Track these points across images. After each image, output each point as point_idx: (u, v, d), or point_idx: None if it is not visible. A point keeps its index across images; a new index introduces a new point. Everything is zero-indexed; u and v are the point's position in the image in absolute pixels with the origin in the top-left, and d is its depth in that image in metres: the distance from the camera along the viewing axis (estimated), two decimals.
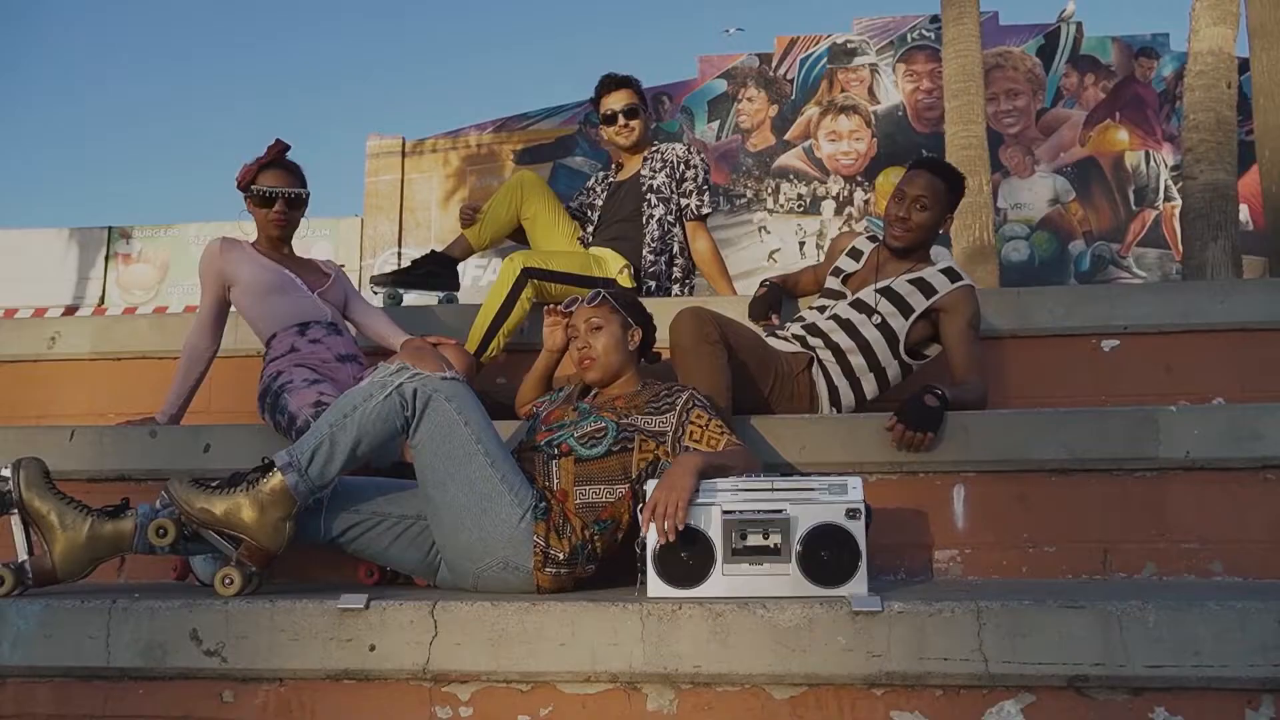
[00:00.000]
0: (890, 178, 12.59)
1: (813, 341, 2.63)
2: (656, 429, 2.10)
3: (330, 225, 12.48)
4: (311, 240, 12.31)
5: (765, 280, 2.98)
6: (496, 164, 12.92)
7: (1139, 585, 2.19)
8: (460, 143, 13.08)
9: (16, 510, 1.96)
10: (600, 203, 3.45)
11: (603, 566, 2.09)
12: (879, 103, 12.82)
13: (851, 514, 1.85)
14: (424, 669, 1.78)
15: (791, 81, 12.92)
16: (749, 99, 12.93)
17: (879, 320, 2.61)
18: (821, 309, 2.72)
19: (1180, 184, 5.77)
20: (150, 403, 2.84)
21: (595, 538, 2.02)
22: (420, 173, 12.93)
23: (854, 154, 12.69)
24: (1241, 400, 2.86)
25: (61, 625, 1.86)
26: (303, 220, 2.76)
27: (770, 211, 12.65)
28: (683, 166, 3.34)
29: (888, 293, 2.63)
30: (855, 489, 1.87)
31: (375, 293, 3.44)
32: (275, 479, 1.91)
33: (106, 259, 12.53)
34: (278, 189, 2.59)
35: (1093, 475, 2.32)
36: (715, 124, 12.97)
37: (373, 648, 1.80)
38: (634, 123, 3.45)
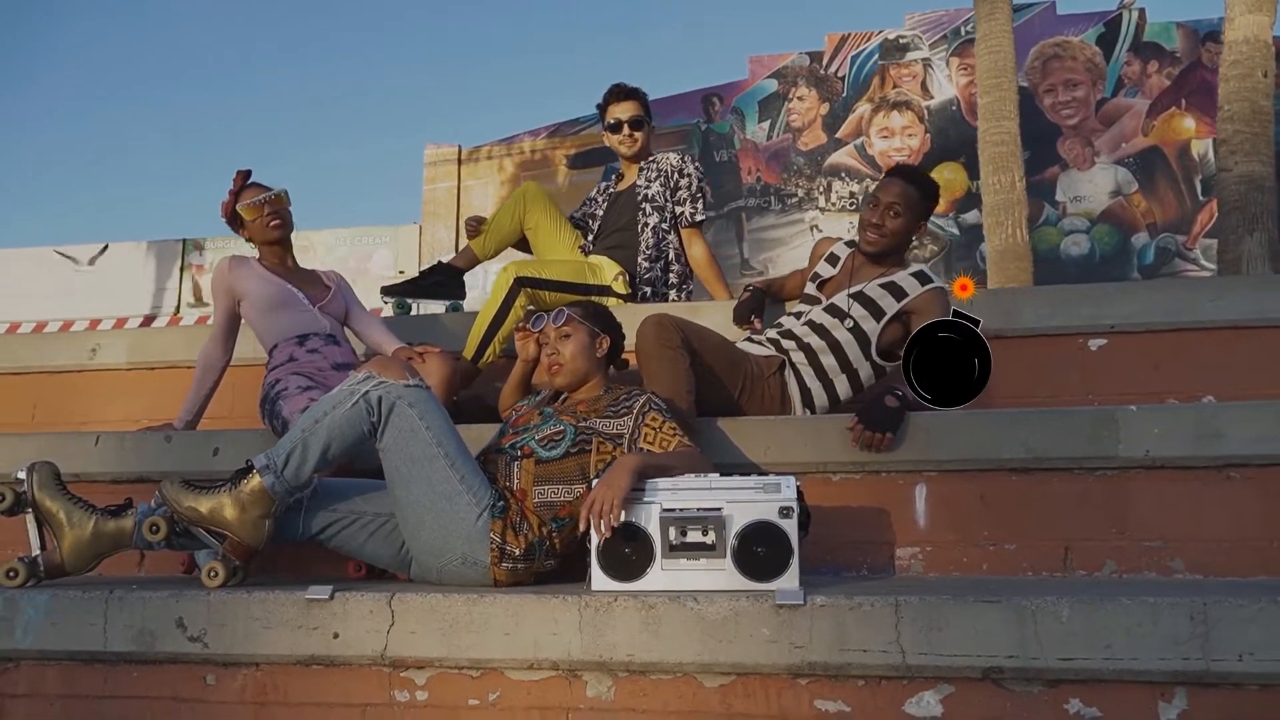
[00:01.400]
0: (944, 174, 12.45)
1: (786, 345, 2.71)
2: (614, 431, 2.21)
3: (390, 233, 12.84)
4: (371, 248, 12.70)
5: (749, 285, 3.06)
6: (550, 169, 13.13)
7: (1098, 583, 2.22)
8: (515, 149, 13.34)
9: (30, 509, 2.16)
10: (601, 212, 3.58)
11: (568, 562, 2.22)
12: (932, 97, 12.68)
13: (784, 512, 1.94)
14: (383, 655, 1.93)
15: (843, 79, 12.85)
16: (800, 98, 12.90)
17: (851, 324, 2.68)
18: (798, 315, 2.79)
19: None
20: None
21: (553, 535, 2.15)
22: (476, 179, 13.22)
23: (906, 150, 12.57)
24: (1233, 399, 2.85)
25: (65, 613, 2.05)
26: (363, 228, 2.98)
27: (822, 210, 12.61)
28: (676, 175, 3.45)
29: (860, 297, 2.70)
30: (789, 488, 1.95)
31: (385, 302, 3.62)
32: (254, 480, 2.08)
33: (181, 270, 13.11)
34: (260, 199, 2.81)
35: (1054, 474, 2.36)
36: (766, 124, 12.97)
37: (337, 635, 1.95)
38: (638, 133, 3.58)
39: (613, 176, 3.72)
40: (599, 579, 1.96)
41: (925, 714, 1.78)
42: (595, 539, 1.96)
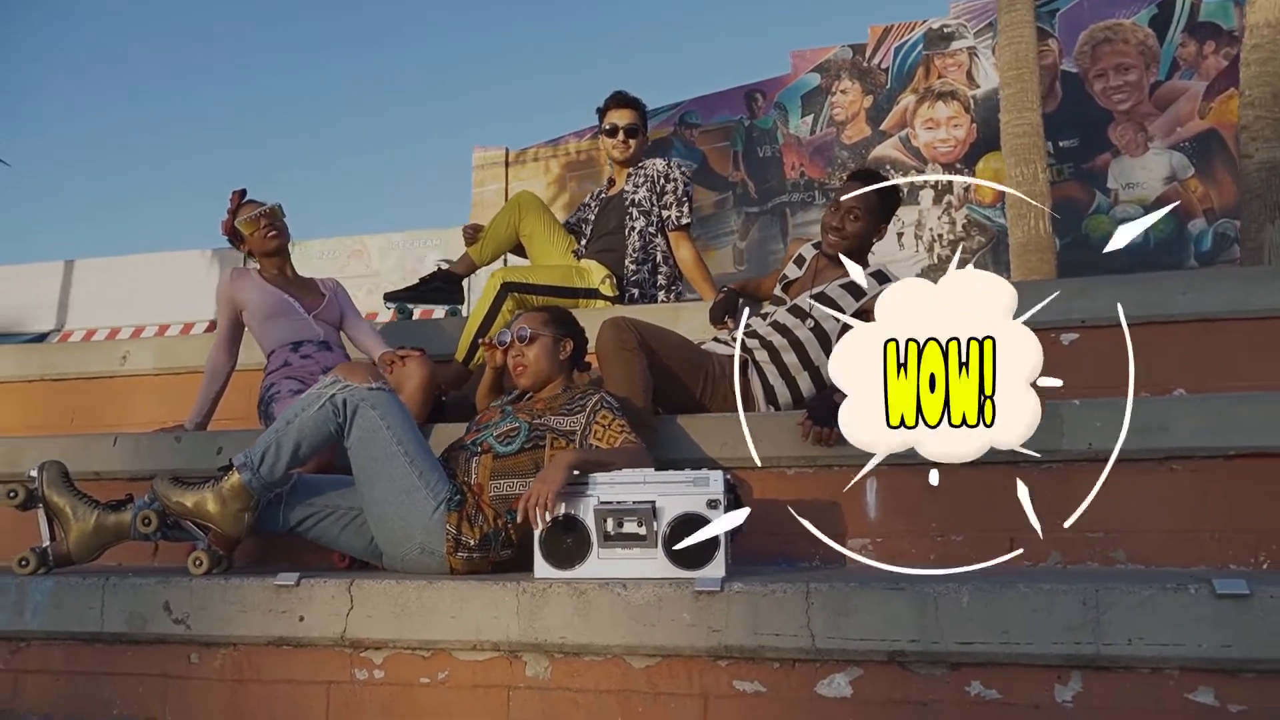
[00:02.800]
0: (990, 164, 12.29)
1: (750, 344, 2.81)
2: (567, 428, 2.35)
3: (440, 235, 13.14)
4: (424, 250, 13.02)
5: (724, 286, 3.17)
6: (595, 169, 13.28)
7: (1037, 573, 2.29)
8: (560, 150, 13.55)
9: (41, 504, 2.39)
10: (593, 217, 3.72)
11: (527, 552, 2.35)
12: (978, 87, 12.53)
13: (712, 504, 2.05)
14: (343, 636, 2.10)
15: (886, 71, 12.77)
16: (843, 91, 12.86)
17: (812, 324, 2.77)
18: (764, 315, 2.90)
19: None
20: None
21: (509, 526, 2.30)
22: (522, 181, 13.44)
23: (952, 141, 12.44)
24: (1203, 391, 2.86)
25: (68, 598, 2.27)
26: (415, 232, 3.19)
27: None
28: (663, 180, 3.58)
29: (821, 298, 2.79)
30: (716, 482, 2.07)
31: (388, 308, 3.81)
32: (234, 477, 2.27)
33: None
34: (256, 214, 3.01)
35: (999, 467, 2.42)
36: (809, 118, 12.95)
37: (302, 618, 2.12)
38: (632, 140, 3.72)
39: (605, 182, 3.86)
40: (541, 567, 2.10)
41: (836, 695, 1.88)
42: (536, 530, 2.10)
